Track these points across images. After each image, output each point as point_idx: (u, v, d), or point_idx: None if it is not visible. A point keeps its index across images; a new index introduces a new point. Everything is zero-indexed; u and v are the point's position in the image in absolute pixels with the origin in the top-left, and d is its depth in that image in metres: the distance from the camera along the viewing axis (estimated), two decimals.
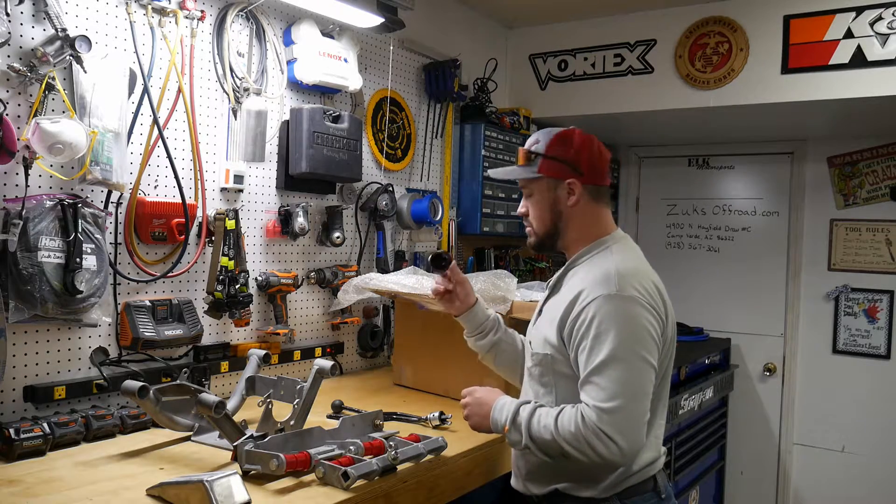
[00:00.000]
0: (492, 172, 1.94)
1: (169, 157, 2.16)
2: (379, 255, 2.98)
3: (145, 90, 2.10)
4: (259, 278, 2.49)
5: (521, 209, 1.82)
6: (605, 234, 1.73)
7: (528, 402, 1.64)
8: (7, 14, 1.75)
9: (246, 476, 1.59)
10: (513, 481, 1.81)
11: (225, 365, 2.37)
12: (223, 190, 2.40)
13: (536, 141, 1.75)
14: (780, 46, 3.16)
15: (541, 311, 1.78)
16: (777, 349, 4.26)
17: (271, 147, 2.54)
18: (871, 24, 2.95)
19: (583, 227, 1.72)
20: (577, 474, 1.63)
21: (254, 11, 2.45)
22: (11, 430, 1.70)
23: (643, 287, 1.57)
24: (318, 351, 2.74)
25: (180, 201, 2.18)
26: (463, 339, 2.01)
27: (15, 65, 1.78)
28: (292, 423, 1.88)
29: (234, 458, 1.67)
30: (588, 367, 1.52)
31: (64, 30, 1.83)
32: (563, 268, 1.76)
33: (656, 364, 1.55)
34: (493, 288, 2.29)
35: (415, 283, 2.41)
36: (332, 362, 1.99)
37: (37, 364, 1.92)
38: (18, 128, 1.80)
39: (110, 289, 2.06)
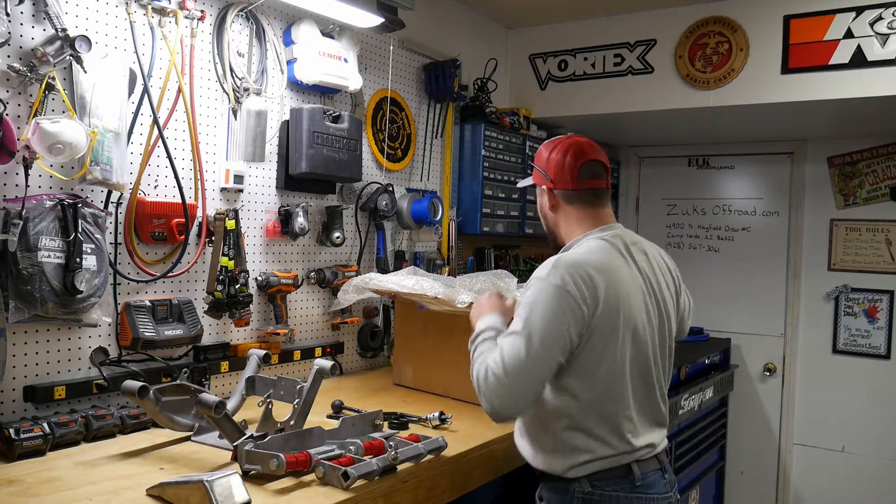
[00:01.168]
0: (519, 184, 2.13)
1: (169, 157, 2.16)
2: (379, 255, 2.98)
3: (145, 90, 2.10)
4: (259, 278, 2.49)
5: None
6: (587, 231, 1.80)
7: (487, 330, 1.75)
8: (7, 14, 1.75)
9: (246, 476, 1.60)
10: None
11: (225, 365, 2.36)
12: (223, 190, 2.40)
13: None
14: (780, 46, 3.16)
15: None
16: (777, 349, 4.26)
17: (271, 147, 2.54)
18: (871, 24, 2.95)
19: (566, 227, 1.84)
20: (547, 453, 1.72)
21: (254, 11, 2.45)
22: (11, 430, 1.70)
23: (571, 276, 1.61)
24: (318, 351, 2.74)
25: (180, 201, 2.18)
26: (462, 339, 2.01)
27: (15, 65, 1.78)
28: (292, 423, 1.88)
29: (234, 458, 1.67)
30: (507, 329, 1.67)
31: (64, 30, 1.83)
32: None
33: (560, 354, 1.60)
34: (493, 288, 2.29)
35: (414, 283, 2.41)
36: (332, 362, 1.99)
37: (37, 364, 1.92)
38: (18, 128, 1.80)
39: (110, 289, 2.06)
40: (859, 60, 2.98)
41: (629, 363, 1.69)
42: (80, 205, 1.90)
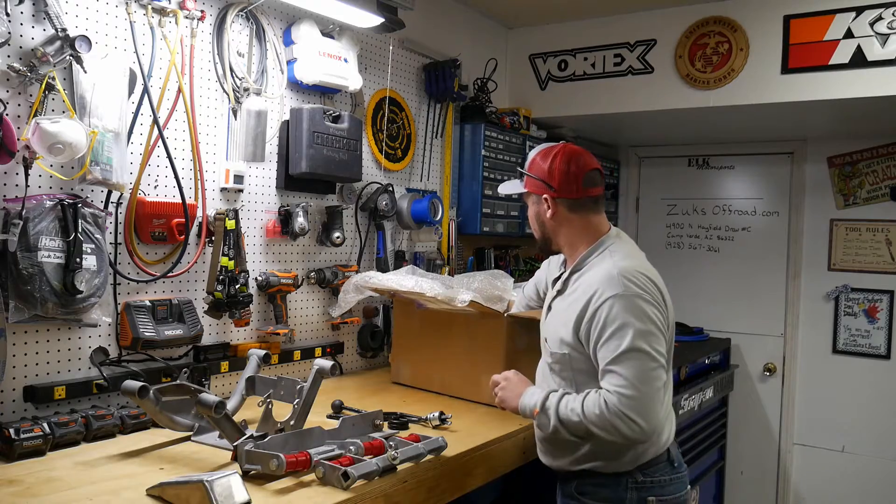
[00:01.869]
0: (499, 188, 2.11)
1: (169, 157, 2.16)
2: (379, 255, 2.98)
3: (145, 90, 2.10)
4: (259, 278, 2.49)
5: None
6: (598, 237, 1.85)
7: (556, 391, 1.78)
8: (7, 14, 1.75)
9: (246, 476, 1.60)
10: (541, 458, 1.94)
11: (225, 365, 2.37)
12: (223, 190, 2.40)
13: (527, 158, 1.93)
14: (780, 46, 3.16)
15: (550, 307, 1.91)
16: (777, 349, 4.26)
17: (271, 147, 2.54)
18: (871, 24, 2.95)
19: (569, 235, 1.87)
20: (602, 454, 1.77)
21: (254, 11, 2.45)
22: (11, 430, 1.70)
23: (643, 283, 1.72)
24: (318, 351, 2.74)
25: (180, 201, 2.18)
26: (460, 337, 2.03)
27: (15, 65, 1.78)
28: (292, 423, 1.88)
29: (234, 458, 1.67)
30: (608, 358, 1.67)
31: (64, 30, 1.83)
32: (569, 271, 1.87)
33: (664, 352, 1.70)
34: (491, 287, 2.30)
35: (414, 283, 2.42)
36: (332, 362, 1.99)
37: (37, 364, 1.92)
38: (18, 128, 1.80)
39: (110, 289, 2.06)
40: (859, 60, 2.98)
41: (670, 358, 1.79)
42: (80, 205, 1.90)
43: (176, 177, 2.17)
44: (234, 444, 1.68)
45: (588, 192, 1.84)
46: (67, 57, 1.85)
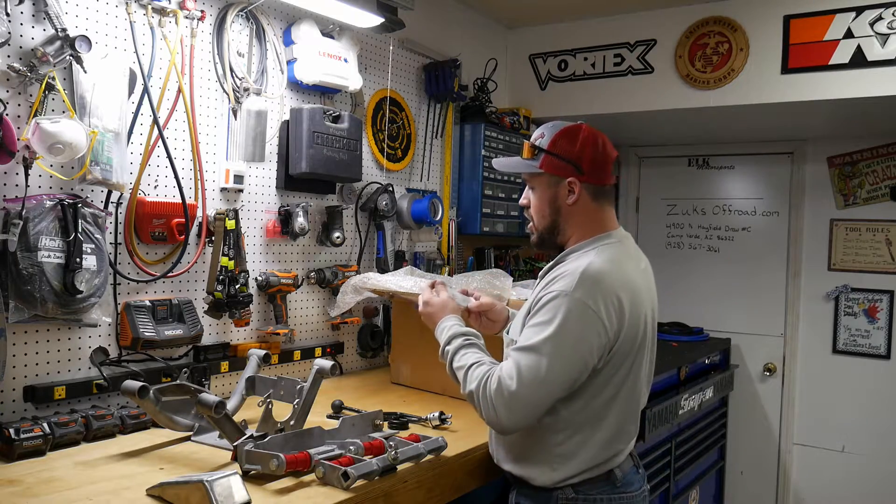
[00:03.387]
0: (495, 163, 1.91)
1: (169, 157, 2.16)
2: (379, 255, 2.98)
3: (145, 90, 2.10)
4: (259, 278, 2.49)
5: (522, 200, 1.83)
6: (602, 232, 1.72)
7: (461, 336, 1.75)
8: (7, 14, 1.75)
9: (246, 476, 1.59)
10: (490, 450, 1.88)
11: (225, 365, 2.37)
12: (223, 190, 2.40)
13: (542, 135, 1.74)
14: (780, 46, 3.16)
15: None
16: (777, 349, 4.26)
17: (271, 147, 2.54)
18: (871, 24, 2.95)
19: (581, 226, 1.72)
20: (534, 465, 1.70)
21: (254, 11, 2.45)
22: (11, 430, 1.70)
23: (600, 294, 1.57)
24: (318, 351, 2.74)
25: (180, 201, 2.18)
26: None
27: (15, 65, 1.78)
28: (292, 423, 1.88)
29: (234, 458, 1.67)
30: (519, 343, 1.61)
31: (64, 30, 1.83)
32: (555, 260, 1.75)
33: (579, 374, 1.58)
34: (490, 287, 2.29)
35: (413, 284, 2.41)
36: (332, 362, 1.98)
37: (37, 364, 1.92)
38: (18, 128, 1.80)
39: (110, 289, 2.06)
40: (859, 60, 2.98)
41: (636, 378, 1.69)
42: (80, 205, 1.90)
43: (176, 177, 2.17)
44: (234, 444, 1.68)
45: (612, 180, 1.75)
46: (67, 57, 1.85)
